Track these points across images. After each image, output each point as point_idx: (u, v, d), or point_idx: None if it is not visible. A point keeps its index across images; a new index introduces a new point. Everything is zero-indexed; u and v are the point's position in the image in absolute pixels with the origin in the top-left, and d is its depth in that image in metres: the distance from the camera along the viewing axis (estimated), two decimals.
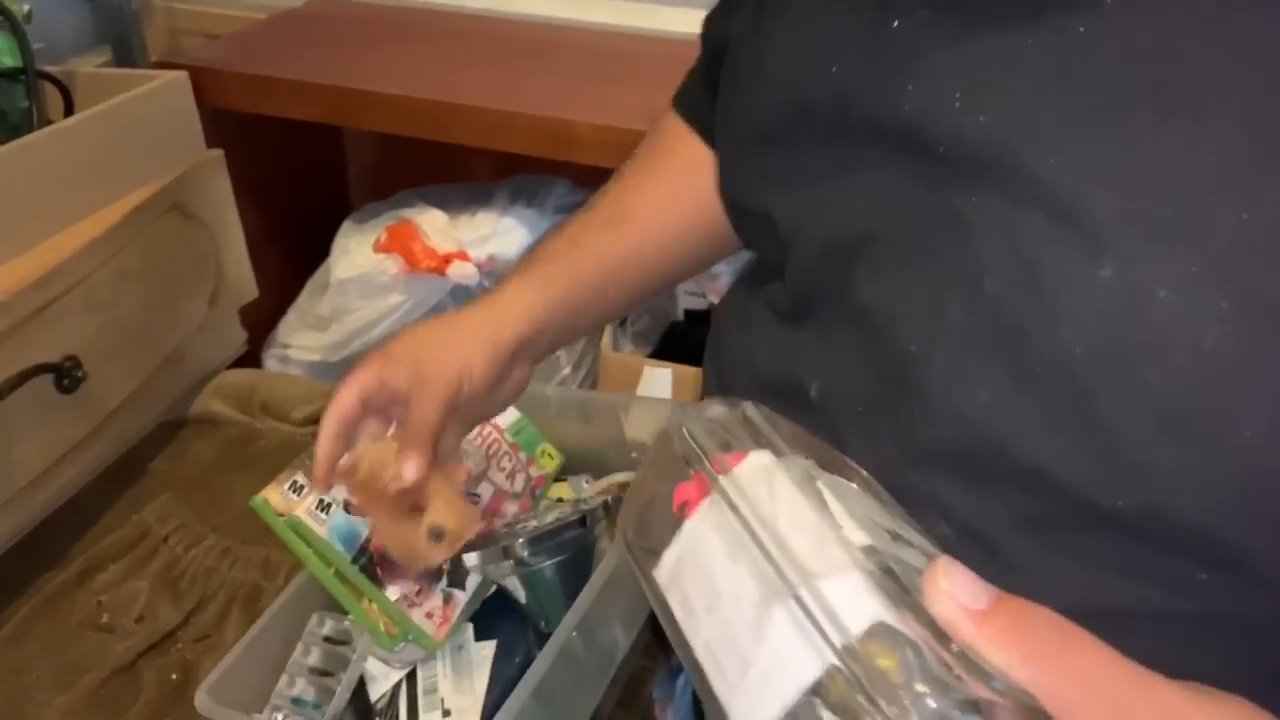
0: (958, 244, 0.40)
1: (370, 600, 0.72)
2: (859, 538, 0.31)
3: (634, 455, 0.87)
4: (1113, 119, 0.36)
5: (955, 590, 0.28)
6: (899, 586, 0.29)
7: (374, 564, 0.73)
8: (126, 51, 1.36)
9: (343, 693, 0.69)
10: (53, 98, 1.01)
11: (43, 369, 0.84)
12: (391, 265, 1.16)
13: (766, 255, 0.55)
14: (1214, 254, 0.34)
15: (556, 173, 1.24)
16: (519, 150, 1.03)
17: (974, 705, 0.26)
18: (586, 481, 0.84)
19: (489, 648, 0.73)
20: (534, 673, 0.61)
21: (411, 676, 0.72)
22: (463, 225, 1.18)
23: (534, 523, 0.71)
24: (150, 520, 0.93)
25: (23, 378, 0.82)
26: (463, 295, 1.18)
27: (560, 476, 0.87)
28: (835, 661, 0.27)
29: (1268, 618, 0.37)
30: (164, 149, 1.02)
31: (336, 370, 1.24)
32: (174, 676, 0.80)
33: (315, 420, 1.07)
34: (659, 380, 1.13)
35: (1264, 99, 0.34)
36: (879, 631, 0.28)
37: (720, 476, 0.33)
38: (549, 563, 0.67)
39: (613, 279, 0.65)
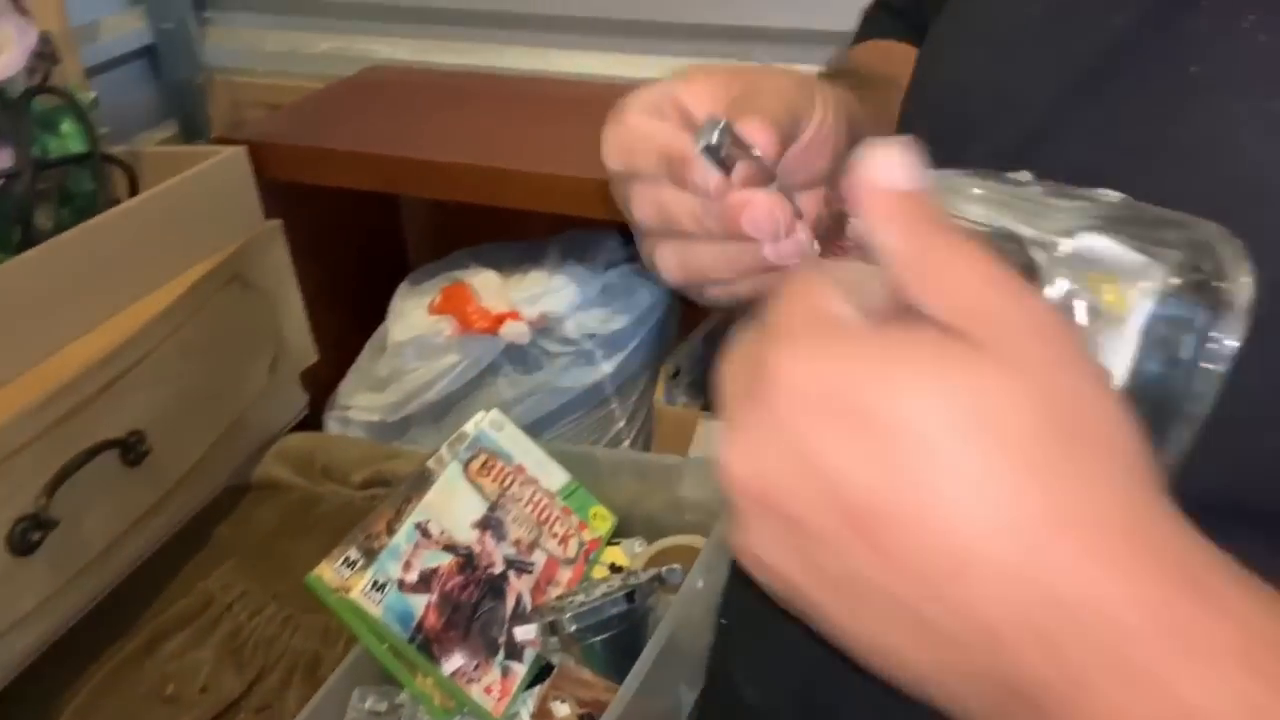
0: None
1: (426, 675, 0.72)
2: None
3: (687, 517, 0.86)
4: None
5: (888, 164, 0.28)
6: None
7: (430, 641, 0.73)
8: (192, 124, 1.42)
9: None
10: (118, 177, 1.05)
11: (108, 445, 0.87)
12: (446, 326, 1.17)
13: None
14: None
15: (609, 228, 1.25)
16: (569, 211, 1.04)
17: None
18: (639, 545, 0.83)
19: None
20: None
21: None
22: (515, 284, 1.19)
23: (581, 598, 0.71)
24: (214, 589, 0.95)
25: (89, 454, 0.84)
26: (516, 354, 1.19)
27: (613, 539, 0.87)
28: None
29: None
30: (224, 222, 1.05)
31: (395, 430, 1.25)
32: None
33: (373, 483, 1.09)
34: (717, 435, 1.12)
35: None
36: None
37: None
38: (597, 639, 0.67)
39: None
